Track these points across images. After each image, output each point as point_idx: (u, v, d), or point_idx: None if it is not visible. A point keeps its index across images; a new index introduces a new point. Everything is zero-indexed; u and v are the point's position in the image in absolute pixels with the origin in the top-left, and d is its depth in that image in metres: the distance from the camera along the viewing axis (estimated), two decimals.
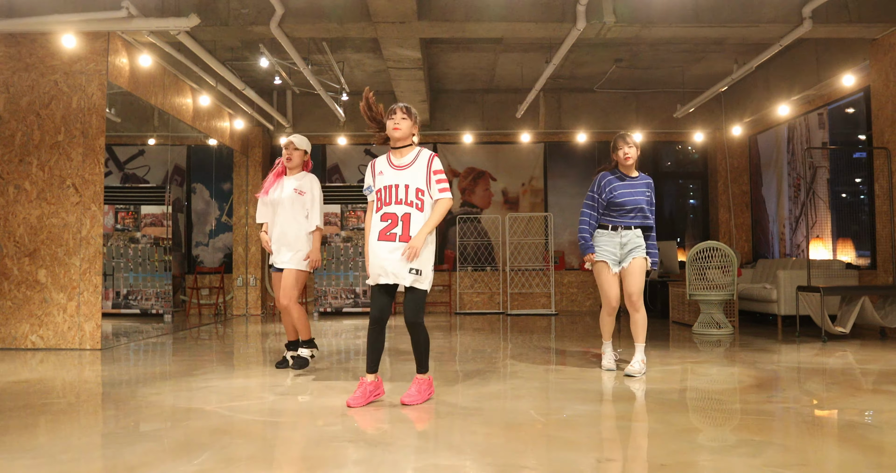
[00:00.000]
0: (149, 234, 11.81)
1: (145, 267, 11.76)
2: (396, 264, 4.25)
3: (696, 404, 4.38)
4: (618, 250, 5.43)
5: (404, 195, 4.32)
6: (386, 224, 4.30)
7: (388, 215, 4.31)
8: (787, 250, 10.95)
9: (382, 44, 8.07)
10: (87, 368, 6.01)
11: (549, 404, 4.33)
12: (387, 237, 4.28)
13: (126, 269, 11.74)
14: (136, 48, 7.82)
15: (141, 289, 11.72)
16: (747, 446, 3.26)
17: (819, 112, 10.06)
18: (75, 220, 7.16)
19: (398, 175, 4.36)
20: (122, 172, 12.80)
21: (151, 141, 12.54)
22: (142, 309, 11.61)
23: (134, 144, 12.70)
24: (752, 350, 6.81)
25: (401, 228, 4.29)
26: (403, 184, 4.34)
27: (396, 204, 4.31)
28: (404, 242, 4.27)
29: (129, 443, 3.42)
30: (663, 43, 9.67)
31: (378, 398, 4.40)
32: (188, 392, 4.75)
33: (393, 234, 4.29)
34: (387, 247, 4.28)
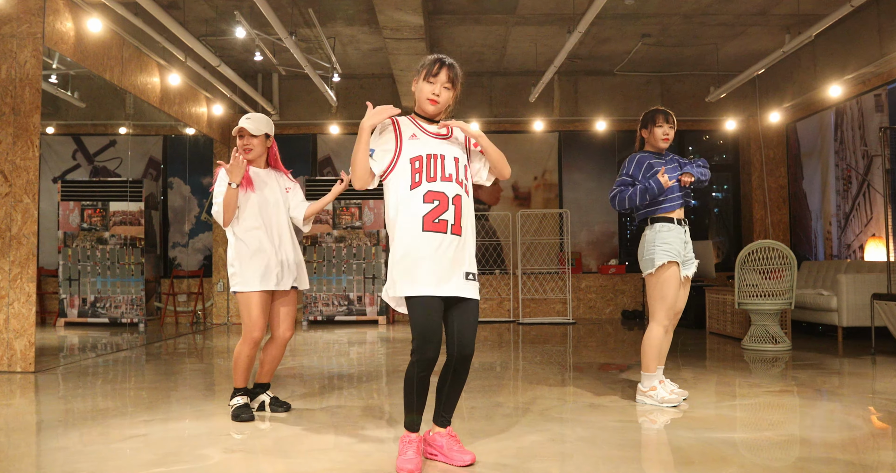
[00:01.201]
0: (119, 233, 10.55)
1: (115, 271, 10.50)
2: (451, 267, 3.02)
3: (829, 469, 3.09)
4: (682, 251, 4.32)
5: (454, 170, 3.07)
6: (433, 206, 3.01)
7: (435, 195, 3.02)
8: (835, 251, 9.69)
9: (378, 5, 6.80)
10: (4, 398, 4.75)
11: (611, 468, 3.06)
12: (435, 226, 2.99)
13: (94, 273, 10.48)
14: (84, 10, 6.55)
15: (110, 296, 10.46)
16: None
17: (876, 93, 8.79)
18: (3, 215, 5.89)
19: (440, 145, 3.12)
20: (91, 166, 11.53)
21: (122, 130, 11.26)
22: (111, 318, 10.35)
23: (104, 133, 11.43)
24: (827, 374, 5.55)
25: (453, 214, 3.01)
26: (452, 156, 3.10)
27: (444, 181, 3.04)
28: (456, 235, 3.02)
29: None
30: (699, 13, 8.42)
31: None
32: (106, 446, 3.46)
33: (443, 221, 3.00)
34: (436, 241, 3.00)
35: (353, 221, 10.63)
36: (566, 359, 6.56)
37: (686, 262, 4.35)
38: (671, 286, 4.26)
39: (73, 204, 10.53)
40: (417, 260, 2.97)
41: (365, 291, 10.54)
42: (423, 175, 3.03)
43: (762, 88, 10.96)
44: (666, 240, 4.28)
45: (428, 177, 3.02)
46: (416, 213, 3.00)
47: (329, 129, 11.15)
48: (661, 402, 4.29)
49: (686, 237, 4.37)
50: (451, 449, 3.08)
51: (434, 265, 2.96)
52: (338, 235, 10.60)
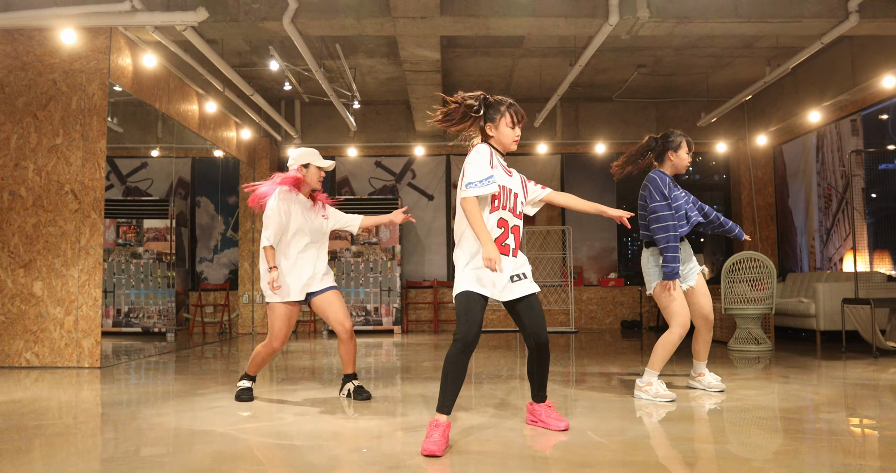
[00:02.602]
0: (151, 249, 11.35)
1: (147, 283, 11.28)
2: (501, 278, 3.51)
3: (770, 424, 3.87)
4: (683, 267, 4.82)
5: (513, 204, 3.61)
6: (501, 232, 3.53)
7: (503, 222, 3.55)
8: (818, 264, 10.47)
9: (401, 43, 7.64)
10: (85, 387, 5.51)
11: (610, 424, 3.83)
12: (502, 250, 3.52)
13: (128, 285, 11.26)
14: (140, 47, 7.39)
15: (143, 306, 11.23)
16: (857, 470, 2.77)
17: (852, 118, 9.61)
18: (74, 228, 6.70)
19: (510, 181, 3.65)
20: (124, 186, 12.34)
21: (155, 153, 12.09)
22: (143, 327, 11.11)
23: (136, 156, 12.26)
24: (800, 368, 6.31)
25: (513, 240, 3.58)
26: (514, 192, 3.63)
27: (510, 212, 3.58)
28: (514, 258, 3.57)
29: (130, 469, 2.93)
30: (689, 46, 9.25)
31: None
32: (193, 413, 4.25)
33: (507, 246, 3.54)
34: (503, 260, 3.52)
35: (370, 237, 11.41)
36: (570, 363, 7.32)
37: (687, 274, 4.81)
38: (673, 299, 4.67)
39: (110, 221, 11.31)
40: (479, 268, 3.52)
41: (381, 302, 11.30)
42: (501, 203, 3.53)
43: (750, 113, 11.79)
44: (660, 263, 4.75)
45: (501, 206, 3.53)
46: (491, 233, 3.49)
47: (347, 151, 11.97)
48: (654, 397, 4.68)
49: (685, 255, 4.81)
50: (549, 417, 3.70)
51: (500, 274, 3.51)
52: (356, 250, 11.38)
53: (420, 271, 12.27)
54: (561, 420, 3.69)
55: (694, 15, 6.91)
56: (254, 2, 6.83)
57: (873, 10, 6.91)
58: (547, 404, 3.78)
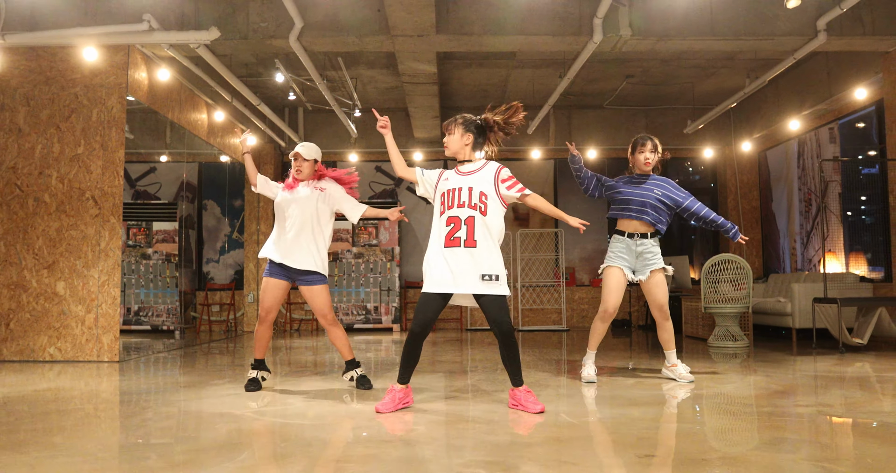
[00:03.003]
0: (160, 250, 11.84)
1: (156, 283, 11.76)
2: (465, 272, 4.14)
3: (722, 408, 4.37)
4: (632, 259, 5.39)
5: (468, 198, 4.20)
6: (450, 228, 4.18)
7: (452, 219, 4.20)
8: (799, 265, 10.95)
9: (399, 58, 8.13)
10: (109, 378, 6.00)
11: (584, 408, 4.33)
12: (452, 243, 4.16)
13: (137, 285, 11.75)
14: (155, 62, 7.89)
15: (152, 305, 11.72)
16: (786, 443, 3.25)
17: (830, 127, 10.10)
18: (94, 232, 7.19)
19: (462, 179, 4.28)
20: (133, 189, 12.84)
21: (164, 158, 12.59)
22: (152, 325, 11.60)
23: (145, 161, 12.76)
24: (769, 362, 6.80)
25: (465, 232, 4.15)
26: (467, 186, 4.23)
27: (459, 207, 4.20)
28: (470, 246, 4.15)
29: (168, 444, 3.42)
30: (675, 58, 9.73)
31: (407, 406, 4.30)
32: (215, 399, 4.74)
33: (457, 239, 4.16)
34: (453, 253, 4.16)
35: (370, 239, 11.91)
36: (561, 358, 7.80)
37: (640, 268, 5.38)
38: (608, 282, 5.35)
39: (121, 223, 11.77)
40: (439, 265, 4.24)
41: (381, 301, 11.80)
42: (445, 205, 4.25)
43: (736, 120, 12.28)
44: (612, 249, 5.42)
45: (447, 206, 4.24)
46: (440, 235, 4.23)
47: (349, 157, 12.48)
48: (582, 379, 5.44)
49: (639, 249, 5.36)
50: (528, 400, 4.15)
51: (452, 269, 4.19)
52: (356, 251, 11.88)
53: (418, 271, 12.77)
54: (537, 404, 4.17)
55: (673, 33, 7.41)
56: (262, 21, 7.33)
57: (840, 28, 7.41)
58: (525, 389, 4.26)
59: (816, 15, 7.33)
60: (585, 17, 7.38)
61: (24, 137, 7.25)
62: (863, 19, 7.42)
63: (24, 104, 7.28)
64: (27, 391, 5.13)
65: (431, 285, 4.18)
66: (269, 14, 7.37)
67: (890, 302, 7.48)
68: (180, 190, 12.86)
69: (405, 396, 4.29)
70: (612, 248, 5.44)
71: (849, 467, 2.84)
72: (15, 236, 7.19)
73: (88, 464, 2.99)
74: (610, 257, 5.42)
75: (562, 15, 7.40)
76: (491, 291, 4.14)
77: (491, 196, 4.22)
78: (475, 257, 4.15)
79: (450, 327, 12.46)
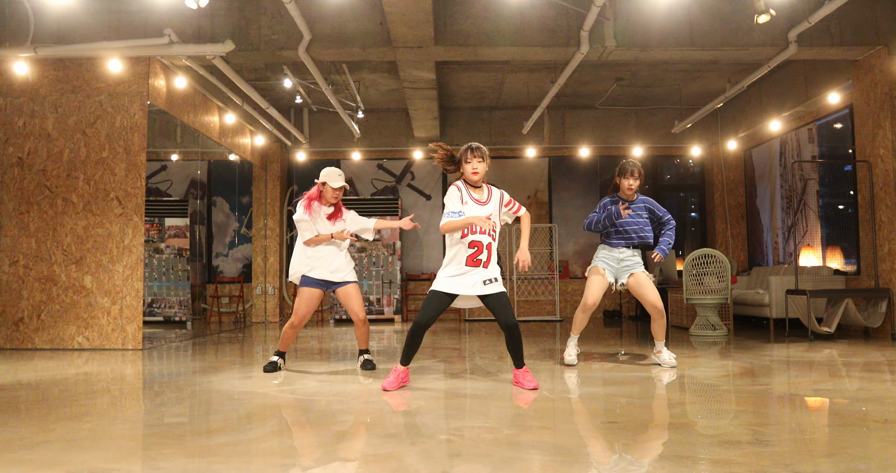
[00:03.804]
0: (172, 245, 12.40)
1: (169, 276, 12.33)
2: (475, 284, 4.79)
3: (688, 387, 4.97)
4: (615, 265, 6.05)
5: (489, 227, 4.80)
6: (473, 251, 4.80)
7: (475, 243, 4.80)
8: (781, 259, 11.53)
9: (400, 66, 8.70)
10: (138, 364, 6.59)
11: (562, 386, 4.92)
12: (474, 263, 4.79)
13: (151, 278, 12.32)
14: (173, 71, 8.45)
15: (164, 297, 12.29)
16: (727, 413, 3.84)
17: (808, 127, 10.66)
18: (118, 230, 7.77)
19: (481, 209, 4.89)
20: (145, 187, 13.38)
21: (174, 157, 13.16)
22: (165, 317, 12.18)
23: (157, 159, 13.32)
24: (744, 348, 7.39)
25: (486, 255, 4.80)
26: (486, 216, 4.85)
27: (482, 234, 4.80)
28: (486, 267, 4.80)
29: (202, 414, 4.01)
30: (661, 63, 10.28)
31: (406, 384, 4.96)
32: (238, 380, 5.33)
33: (479, 260, 4.79)
34: (473, 271, 4.79)
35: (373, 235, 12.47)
36: (555, 347, 8.39)
37: (621, 273, 6.04)
38: (590, 282, 6.04)
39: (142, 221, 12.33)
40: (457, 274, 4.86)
41: (383, 293, 12.40)
42: (469, 230, 4.82)
43: (722, 120, 12.84)
44: (599, 256, 6.12)
45: (471, 231, 4.82)
46: (463, 254, 4.79)
47: (352, 155, 13.06)
48: (564, 361, 6.11)
49: (621, 256, 6.02)
50: (525, 378, 4.86)
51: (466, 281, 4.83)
52: (360, 246, 12.46)
53: (418, 265, 13.39)
54: (532, 381, 4.85)
55: (654, 44, 7.97)
56: (273, 33, 7.89)
57: (811, 39, 7.97)
58: (524, 369, 4.94)
59: (787, 27, 7.88)
60: (573, 30, 7.94)
61: (53, 142, 7.83)
62: (831, 31, 7.98)
63: (53, 111, 7.86)
64: (59, 377, 5.71)
65: (446, 285, 4.82)
66: (279, 27, 7.93)
67: (855, 293, 8.06)
68: (190, 187, 13.43)
69: (406, 376, 4.96)
70: (599, 255, 6.14)
71: (775, 429, 3.43)
72: (45, 233, 7.77)
73: (140, 429, 3.57)
74: (596, 260, 6.13)
75: (551, 27, 7.96)
76: (493, 290, 4.82)
77: (498, 223, 4.94)
78: (487, 272, 4.85)
79: (449, 317, 13.05)
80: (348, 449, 3.14)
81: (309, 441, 3.34)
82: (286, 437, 3.42)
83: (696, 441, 3.20)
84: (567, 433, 3.47)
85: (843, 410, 3.95)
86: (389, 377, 4.89)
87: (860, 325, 8.23)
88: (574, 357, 6.12)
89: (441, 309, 4.85)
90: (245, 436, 3.38)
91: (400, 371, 4.91)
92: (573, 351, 6.17)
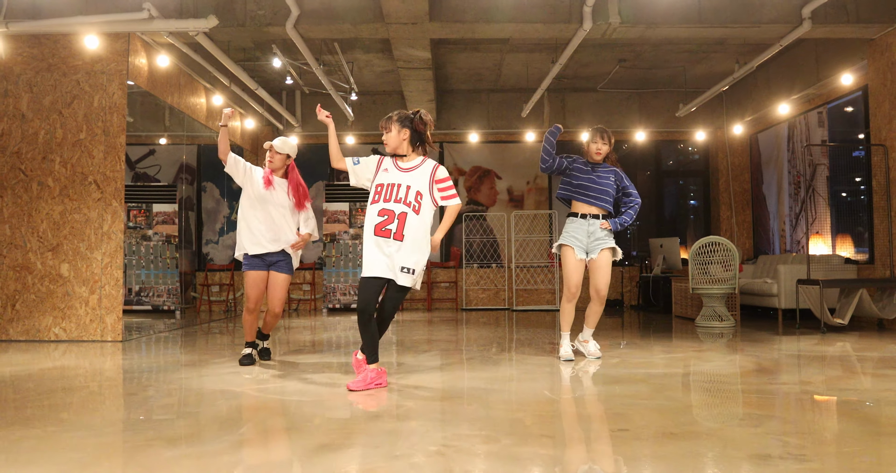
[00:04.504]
0: (160, 232, 12.02)
1: (157, 264, 11.97)
2: (392, 261, 4.45)
3: (700, 385, 4.60)
4: (585, 239, 5.61)
5: (404, 195, 4.49)
6: (384, 219, 4.45)
7: (386, 211, 4.47)
8: (788, 247, 11.16)
9: (394, 44, 8.29)
10: (114, 357, 6.23)
11: (563, 385, 4.56)
12: (382, 233, 4.44)
13: (138, 266, 11.95)
14: (155, 49, 8.05)
15: (153, 286, 11.93)
16: (750, 418, 3.48)
17: (818, 111, 10.27)
18: (97, 215, 7.38)
19: (401, 176, 4.56)
20: (133, 172, 13.01)
21: (163, 140, 12.76)
22: (153, 305, 11.82)
23: (145, 143, 12.92)
24: (753, 341, 7.03)
25: (396, 225, 4.44)
26: (406, 184, 4.53)
27: (395, 202, 4.47)
28: (398, 240, 4.44)
29: (170, 419, 3.64)
30: (666, 43, 9.88)
31: (381, 386, 4.48)
32: (215, 377, 4.97)
33: (388, 230, 4.44)
34: (383, 243, 4.44)
35: None
36: (554, 338, 8.04)
37: (592, 248, 5.61)
38: (566, 264, 5.60)
39: None
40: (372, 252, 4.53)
41: None
42: (382, 197, 4.51)
43: (727, 103, 12.44)
44: (567, 230, 5.67)
45: (384, 199, 4.50)
46: (372, 222, 4.47)
47: (346, 139, 12.65)
48: (560, 358, 5.68)
49: (591, 229, 5.59)
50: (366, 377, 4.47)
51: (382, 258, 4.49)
52: (353, 233, 12.09)
53: None
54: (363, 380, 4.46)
55: (660, 21, 7.57)
56: (259, 9, 7.48)
57: (825, 16, 7.57)
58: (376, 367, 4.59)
59: (801, 3, 7.48)
60: (575, 5, 7.54)
61: (28, 123, 7.43)
62: (847, 7, 7.58)
63: (28, 91, 7.45)
64: (34, 370, 5.35)
65: (368, 270, 4.47)
66: (265, 2, 7.52)
67: (870, 283, 7.70)
68: (180, 172, 13.04)
69: (378, 376, 4.51)
70: (567, 229, 5.70)
71: (805, 440, 3.06)
72: (20, 219, 7.39)
73: (94, 438, 3.21)
74: (564, 237, 5.68)
75: (552, 3, 7.56)
76: (402, 281, 4.48)
77: (425, 196, 4.57)
78: (401, 250, 4.48)
79: (445, 306, 12.70)
80: (323, 467, 2.77)
81: (279, 456, 2.98)
82: (255, 449, 3.05)
83: (722, 455, 2.84)
84: (573, 444, 3.11)
85: (876, 416, 3.59)
86: (357, 377, 4.50)
87: (874, 316, 7.87)
88: (570, 352, 5.72)
89: (376, 294, 4.47)
90: (208, 447, 3.01)
91: (369, 370, 4.49)
92: (568, 347, 5.76)
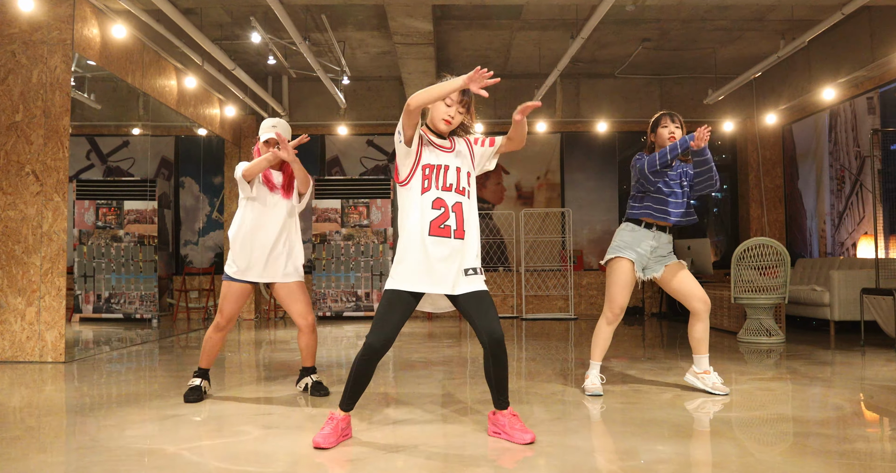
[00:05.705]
0: (133, 232, 10.85)
1: (129, 268, 10.79)
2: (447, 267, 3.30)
3: (803, 441, 3.40)
4: (647, 254, 4.48)
5: (455, 180, 3.35)
6: (440, 213, 3.30)
7: (440, 202, 3.32)
8: (829, 249, 10.00)
9: (390, 13, 7.10)
10: (45, 386, 5.06)
11: (587, 439, 3.38)
12: (441, 231, 3.29)
13: (108, 270, 10.78)
14: (109, 17, 6.86)
15: (124, 292, 10.76)
16: None
17: (868, 96, 9.10)
18: (35, 213, 6.20)
19: (445, 156, 3.40)
20: (104, 165, 11.83)
21: (136, 131, 11.56)
22: (125, 314, 10.64)
23: (117, 134, 11.74)
24: (819, 364, 5.86)
25: (454, 220, 3.30)
26: (454, 166, 3.38)
27: (445, 190, 3.33)
28: (459, 238, 3.31)
29: None
30: (697, 19, 8.72)
31: (346, 437, 3.38)
32: (153, 423, 3.78)
33: (447, 227, 3.29)
34: (440, 245, 3.29)
35: (360, 219, 10.93)
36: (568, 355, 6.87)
37: (654, 264, 4.50)
38: (617, 278, 4.44)
39: (89, 203, 10.79)
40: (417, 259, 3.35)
41: (372, 287, 10.85)
42: (431, 182, 3.33)
43: (759, 90, 11.27)
44: (623, 238, 4.48)
45: (435, 186, 3.32)
46: (426, 217, 3.30)
47: (337, 130, 11.46)
48: (586, 391, 4.50)
49: (655, 242, 4.47)
50: (513, 427, 3.31)
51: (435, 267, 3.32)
52: (346, 233, 10.91)
53: None
54: (525, 432, 3.30)
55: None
56: None
57: None
58: (511, 411, 3.38)
59: None
60: None
61: None
62: None
63: None
64: None
65: (407, 281, 3.30)
66: None
67: None
68: (159, 167, 11.87)
69: (346, 426, 3.37)
70: (622, 237, 4.53)
71: None
72: None
73: None
74: (619, 247, 4.51)
75: None
76: (465, 287, 3.33)
77: (473, 176, 3.46)
78: (464, 248, 3.35)
79: (446, 315, 11.51)
80: None
81: None
82: None
83: None
84: None
85: None
86: (324, 429, 3.29)
87: None
88: (599, 386, 4.53)
89: (404, 319, 3.29)
90: None
91: (339, 419, 3.33)
92: (597, 379, 4.56)
